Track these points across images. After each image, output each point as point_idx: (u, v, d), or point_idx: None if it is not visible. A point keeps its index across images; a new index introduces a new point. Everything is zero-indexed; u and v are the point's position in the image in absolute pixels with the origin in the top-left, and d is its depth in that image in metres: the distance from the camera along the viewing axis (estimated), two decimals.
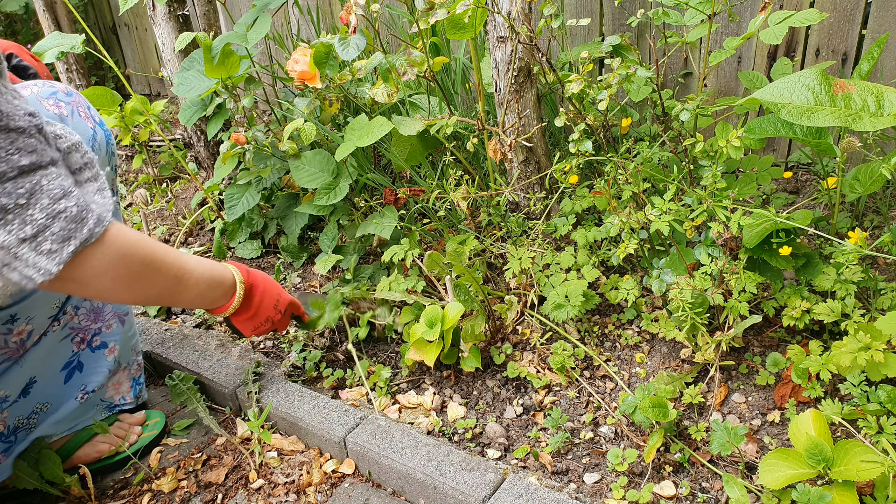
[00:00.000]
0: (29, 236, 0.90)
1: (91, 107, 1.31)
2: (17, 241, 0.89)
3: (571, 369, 1.46)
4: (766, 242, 1.34)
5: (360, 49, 1.51)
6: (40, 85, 1.25)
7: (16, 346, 1.22)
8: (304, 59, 1.64)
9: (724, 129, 1.48)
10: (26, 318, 1.21)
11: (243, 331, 1.39)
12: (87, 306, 1.36)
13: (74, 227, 0.93)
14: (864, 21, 1.82)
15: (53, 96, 1.24)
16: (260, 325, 1.40)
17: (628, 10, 2.11)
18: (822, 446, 1.03)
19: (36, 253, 0.91)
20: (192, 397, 1.55)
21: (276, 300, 1.41)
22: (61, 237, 0.92)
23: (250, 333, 1.40)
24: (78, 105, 1.27)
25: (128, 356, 1.47)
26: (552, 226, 1.70)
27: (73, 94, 1.28)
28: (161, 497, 1.36)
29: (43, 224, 0.91)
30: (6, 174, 0.88)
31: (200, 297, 1.23)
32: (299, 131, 1.74)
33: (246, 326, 1.38)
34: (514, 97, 1.67)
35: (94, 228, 0.96)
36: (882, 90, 1.00)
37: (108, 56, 1.99)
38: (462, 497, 1.19)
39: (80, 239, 0.94)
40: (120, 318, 1.43)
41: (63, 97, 1.25)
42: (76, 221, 0.94)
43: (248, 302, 1.34)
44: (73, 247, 0.93)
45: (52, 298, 1.26)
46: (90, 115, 1.29)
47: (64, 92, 1.26)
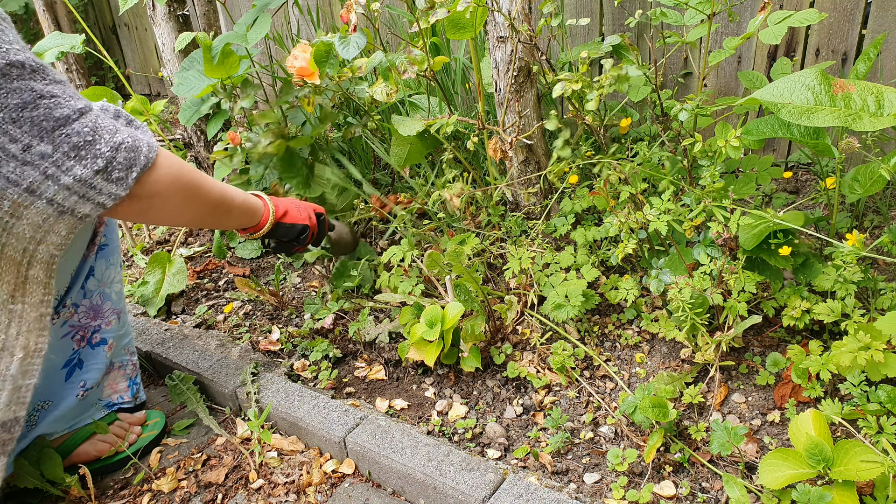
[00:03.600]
0: (101, 168, 1.01)
1: None
2: (93, 174, 1.00)
3: (571, 369, 1.46)
4: (765, 242, 1.34)
5: (361, 48, 1.52)
6: None
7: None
8: (304, 55, 1.64)
9: (724, 129, 1.48)
10: None
11: (289, 238, 1.50)
12: (87, 304, 1.36)
13: (133, 156, 1.04)
14: (864, 21, 1.82)
15: None
16: (299, 222, 1.50)
17: (628, 10, 2.11)
18: (822, 446, 1.03)
19: (108, 182, 1.02)
20: (192, 397, 1.55)
21: (295, 203, 1.54)
22: (125, 165, 1.03)
23: (294, 247, 1.52)
24: None
25: (121, 355, 1.48)
26: (552, 226, 1.70)
27: None
28: (161, 497, 1.36)
29: (110, 156, 1.02)
30: (70, 117, 0.99)
31: (241, 217, 1.36)
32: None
33: (288, 228, 1.48)
34: (514, 97, 1.67)
35: (148, 154, 1.06)
36: (882, 90, 1.00)
37: (108, 56, 1.99)
38: (462, 497, 1.19)
39: (140, 164, 1.05)
40: (117, 315, 1.43)
41: None
42: (133, 150, 1.04)
43: (277, 213, 1.47)
44: (136, 172, 1.05)
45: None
46: None
47: None
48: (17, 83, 0.96)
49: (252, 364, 1.58)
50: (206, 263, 2.16)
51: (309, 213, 1.55)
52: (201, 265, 2.15)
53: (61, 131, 0.98)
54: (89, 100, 1.36)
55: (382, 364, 1.60)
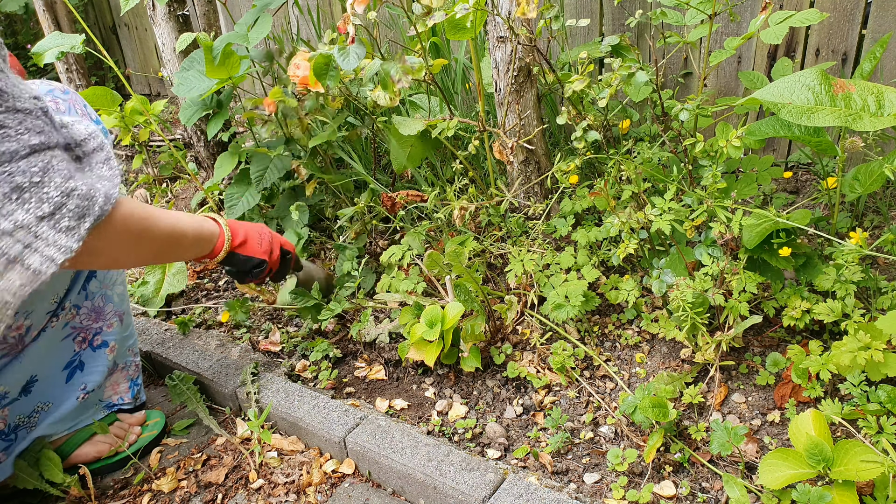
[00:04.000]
0: (47, 214, 0.90)
1: (87, 105, 1.33)
2: (36, 220, 0.89)
3: (571, 369, 1.46)
4: (766, 242, 1.34)
5: (360, 58, 1.51)
6: (37, 83, 1.27)
7: (14, 342, 1.22)
8: (305, 64, 1.63)
9: (725, 130, 1.48)
10: (24, 313, 1.21)
11: (242, 269, 1.41)
12: (88, 306, 1.36)
13: (87, 205, 0.94)
14: (864, 21, 1.82)
15: (51, 94, 1.25)
16: (255, 255, 1.41)
17: (628, 10, 2.11)
18: (822, 446, 1.03)
19: (55, 231, 0.91)
20: (192, 397, 1.55)
21: (260, 232, 1.45)
22: (77, 214, 0.93)
23: (247, 278, 1.44)
24: (74, 103, 1.28)
25: (125, 356, 1.47)
26: (552, 226, 1.70)
27: (70, 92, 1.30)
28: (161, 497, 1.36)
29: (59, 201, 0.91)
30: (18, 152, 0.88)
31: (193, 248, 1.28)
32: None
33: (242, 260, 1.40)
34: (514, 97, 1.67)
35: (104, 206, 0.97)
36: (882, 90, 1.00)
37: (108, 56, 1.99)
38: (462, 497, 1.19)
39: (94, 215, 0.95)
40: (119, 317, 1.43)
41: (60, 94, 1.27)
42: (87, 199, 0.95)
43: (233, 241, 1.39)
44: (90, 223, 0.94)
45: (49, 293, 1.26)
46: (87, 113, 1.30)
47: (61, 90, 1.28)
48: None
49: (252, 364, 1.58)
50: (205, 263, 2.16)
51: (272, 248, 1.46)
52: (201, 265, 2.15)
53: (4, 168, 0.87)
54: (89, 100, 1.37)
55: (382, 364, 1.60)
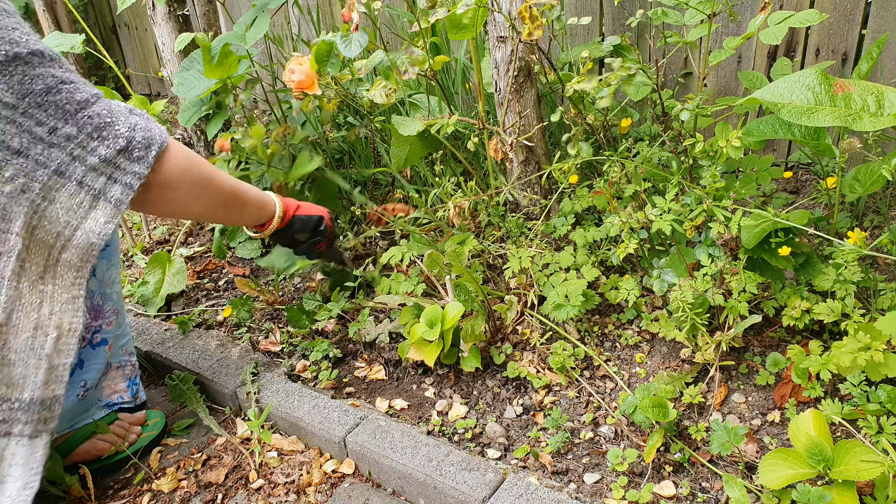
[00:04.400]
0: (123, 147, 1.06)
1: None
2: (115, 153, 1.06)
3: (571, 369, 1.46)
4: (766, 242, 1.34)
5: (363, 46, 1.51)
6: None
7: None
8: (300, 68, 1.63)
9: (724, 129, 1.48)
10: None
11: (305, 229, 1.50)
12: (88, 304, 1.36)
13: (149, 136, 1.09)
14: (864, 21, 1.82)
15: None
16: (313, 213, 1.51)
17: (628, 10, 2.11)
18: (822, 446, 1.03)
19: (130, 160, 1.07)
20: (192, 397, 1.55)
21: (309, 203, 1.54)
22: (144, 144, 1.08)
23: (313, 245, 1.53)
24: None
25: (119, 356, 1.47)
26: (551, 226, 1.70)
27: None
28: (161, 497, 1.36)
29: (129, 135, 1.07)
30: (89, 100, 1.05)
31: (254, 212, 1.38)
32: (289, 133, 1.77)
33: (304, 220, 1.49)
34: (514, 97, 1.67)
35: (163, 135, 1.11)
36: (882, 90, 1.00)
37: (108, 56, 1.99)
38: (462, 497, 1.19)
39: (158, 143, 1.10)
40: (116, 314, 1.43)
41: None
42: (148, 131, 1.09)
43: (287, 210, 1.47)
44: (155, 150, 1.09)
45: None
46: None
47: None
48: (40, 69, 1.00)
49: (252, 364, 1.58)
50: (206, 263, 2.16)
51: (321, 208, 1.55)
52: (201, 265, 2.15)
53: (83, 113, 1.03)
54: None
55: (382, 364, 1.60)
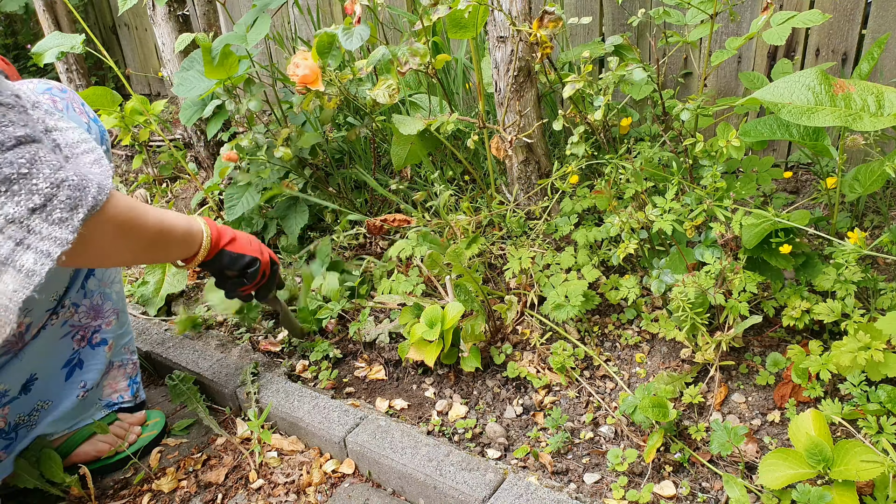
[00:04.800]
0: (38, 205, 0.87)
1: (85, 104, 1.34)
2: (27, 212, 0.86)
3: (571, 369, 1.46)
4: (766, 242, 1.34)
5: (364, 39, 1.50)
6: (35, 82, 1.27)
7: (14, 339, 1.22)
8: (305, 62, 1.63)
9: (725, 130, 1.48)
10: (24, 311, 1.21)
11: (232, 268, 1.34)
12: (87, 304, 1.36)
13: (80, 195, 0.91)
14: (864, 21, 1.82)
15: (48, 92, 1.26)
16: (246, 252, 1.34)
17: (628, 10, 2.11)
18: (822, 446, 1.03)
19: (48, 223, 0.88)
20: (192, 397, 1.55)
21: (249, 236, 1.38)
22: (69, 205, 0.90)
23: (238, 287, 1.36)
24: (72, 101, 1.29)
25: (121, 354, 1.47)
26: (553, 226, 1.70)
27: (68, 91, 1.30)
28: (161, 497, 1.36)
29: (49, 193, 0.88)
30: (4, 143, 0.86)
31: (181, 247, 1.23)
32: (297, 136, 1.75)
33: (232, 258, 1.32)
34: (514, 97, 1.67)
35: (97, 195, 0.94)
36: (882, 90, 0.99)
37: (108, 56, 1.99)
38: (462, 497, 1.19)
39: (88, 206, 0.92)
40: (117, 314, 1.43)
41: (58, 93, 1.27)
42: (80, 189, 0.91)
43: (217, 242, 1.31)
44: (83, 213, 0.91)
45: (49, 290, 1.26)
46: (84, 111, 1.31)
47: (59, 88, 1.28)
48: None
49: (252, 364, 1.58)
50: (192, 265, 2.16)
51: (262, 250, 1.39)
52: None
53: None
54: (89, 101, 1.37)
55: (382, 364, 1.60)
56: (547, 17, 1.46)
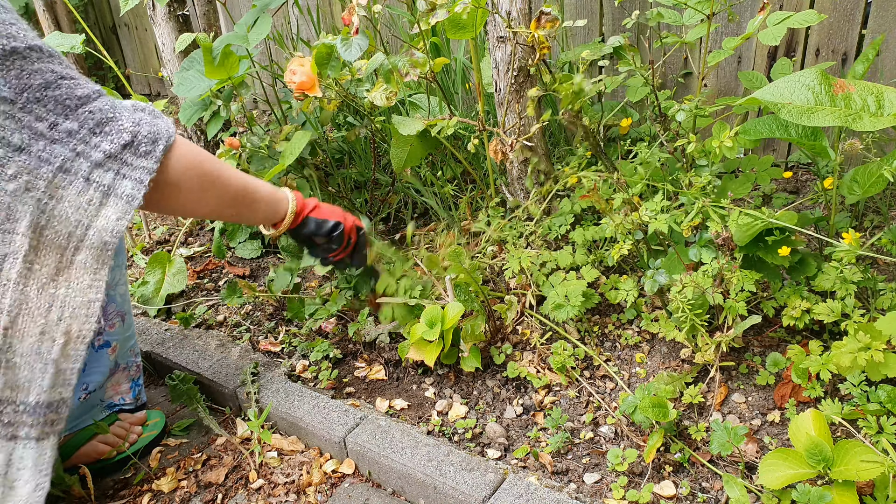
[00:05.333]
0: (128, 142, 1.03)
1: None
2: (120, 148, 1.02)
3: (571, 369, 1.46)
4: (761, 241, 1.33)
5: (363, 50, 1.51)
6: None
7: None
8: (302, 69, 1.63)
9: (721, 129, 1.48)
10: None
11: (319, 233, 1.39)
12: None
13: (155, 131, 1.06)
14: (864, 21, 1.82)
15: None
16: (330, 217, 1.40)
17: (628, 10, 2.11)
18: (822, 446, 1.03)
19: (136, 155, 1.04)
20: (192, 397, 1.55)
21: (331, 206, 1.45)
22: (150, 139, 1.05)
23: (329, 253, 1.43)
24: None
25: (126, 357, 1.47)
26: (551, 225, 1.70)
27: None
28: (161, 497, 1.36)
29: (134, 130, 1.03)
30: (90, 96, 1.02)
31: (266, 210, 1.32)
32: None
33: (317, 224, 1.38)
34: (514, 97, 1.67)
35: (169, 130, 1.08)
36: (882, 90, 1.00)
37: (108, 56, 1.99)
38: (462, 497, 1.19)
39: (165, 138, 1.06)
40: (122, 317, 1.43)
41: None
42: (154, 126, 1.06)
43: (302, 209, 1.38)
44: (163, 145, 1.05)
45: None
46: None
47: None
48: (38, 65, 0.99)
49: (252, 364, 1.58)
50: (206, 263, 2.16)
51: (345, 216, 1.45)
52: (201, 265, 2.15)
53: (84, 108, 1.01)
54: None
55: (382, 364, 1.60)
56: (544, 18, 1.46)
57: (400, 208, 2.14)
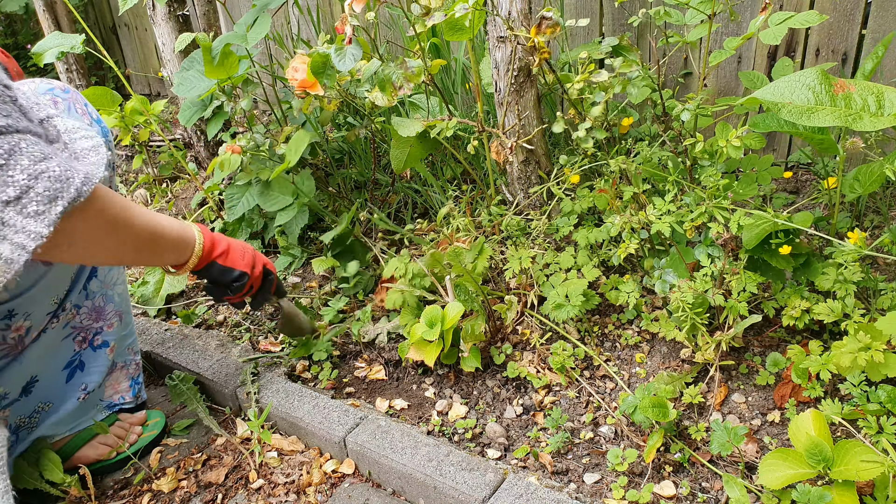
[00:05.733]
0: (12, 198, 0.84)
1: (88, 104, 1.31)
2: (1, 204, 0.84)
3: (571, 369, 1.46)
4: (766, 243, 1.34)
5: (357, 59, 1.51)
6: (37, 82, 1.25)
7: (14, 343, 1.22)
8: (304, 67, 1.63)
9: (725, 129, 1.48)
10: (24, 314, 1.21)
11: (221, 281, 1.32)
12: (89, 305, 1.36)
13: (60, 187, 0.88)
14: (864, 21, 1.82)
15: (50, 92, 1.24)
16: (236, 266, 1.32)
17: (628, 10, 2.11)
18: (822, 446, 1.03)
19: (22, 216, 0.85)
20: (192, 397, 1.55)
21: (243, 247, 1.36)
22: (47, 197, 0.86)
23: (225, 294, 1.35)
24: (75, 101, 1.26)
25: (125, 355, 1.47)
26: (553, 226, 1.70)
27: (71, 91, 1.28)
28: (161, 497, 1.36)
29: (25, 185, 0.85)
30: None
31: (173, 253, 1.22)
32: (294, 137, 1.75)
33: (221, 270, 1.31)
34: (514, 97, 1.67)
35: (81, 188, 0.90)
36: (882, 90, 0.99)
37: (108, 56, 1.99)
38: (462, 497, 1.19)
39: (68, 198, 0.88)
40: (120, 316, 1.43)
41: (60, 93, 1.25)
42: (60, 181, 0.88)
43: (209, 253, 1.30)
44: (62, 207, 0.87)
45: (50, 294, 1.25)
46: (87, 112, 1.29)
47: (61, 89, 1.26)
48: None
49: (252, 364, 1.58)
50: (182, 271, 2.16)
51: (254, 264, 1.37)
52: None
53: None
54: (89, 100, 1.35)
55: (382, 364, 1.60)
56: (545, 23, 1.46)
57: (400, 208, 2.13)
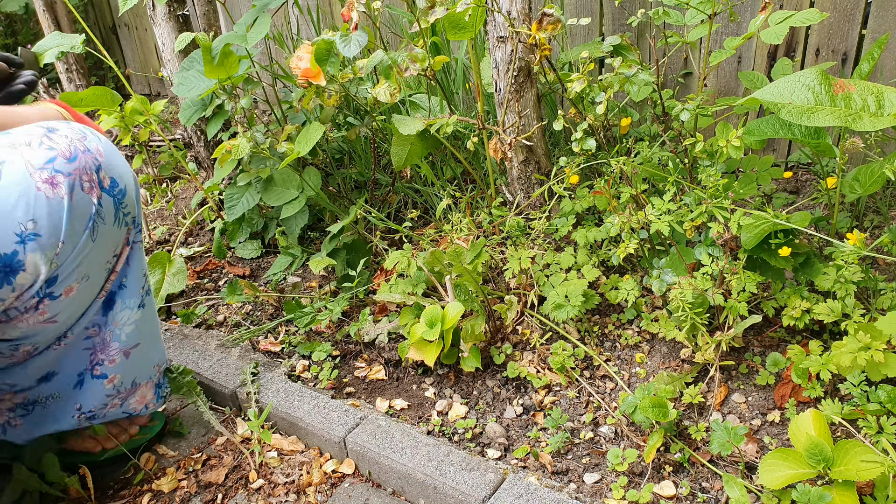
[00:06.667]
0: None
1: (103, 153, 1.11)
2: None
3: (571, 369, 1.46)
4: (766, 243, 1.34)
5: (362, 45, 1.51)
6: (36, 134, 1.06)
7: (22, 356, 1.22)
8: (308, 56, 1.64)
9: (725, 129, 1.48)
10: (31, 343, 1.20)
11: None
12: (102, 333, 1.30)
13: None
14: (864, 21, 1.82)
15: (50, 164, 1.03)
16: None
17: (628, 10, 2.11)
18: (822, 446, 1.03)
19: None
20: (191, 390, 1.54)
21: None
22: None
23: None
24: (83, 172, 1.06)
25: (149, 372, 1.40)
26: (552, 226, 1.70)
27: (78, 156, 1.07)
28: (161, 497, 1.36)
29: None
30: None
31: None
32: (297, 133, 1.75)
33: None
34: (514, 97, 1.67)
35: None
36: (882, 90, 0.99)
37: (108, 56, 1.99)
38: (462, 497, 1.19)
39: None
40: (126, 354, 1.34)
41: (62, 166, 1.04)
42: None
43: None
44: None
45: (58, 329, 1.22)
46: (95, 182, 1.09)
47: (65, 157, 1.05)
48: None
49: (252, 364, 1.58)
50: (206, 263, 2.16)
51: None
52: (201, 265, 2.15)
53: None
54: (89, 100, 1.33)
55: (382, 364, 1.60)
56: (546, 20, 1.46)
57: (400, 208, 2.14)
